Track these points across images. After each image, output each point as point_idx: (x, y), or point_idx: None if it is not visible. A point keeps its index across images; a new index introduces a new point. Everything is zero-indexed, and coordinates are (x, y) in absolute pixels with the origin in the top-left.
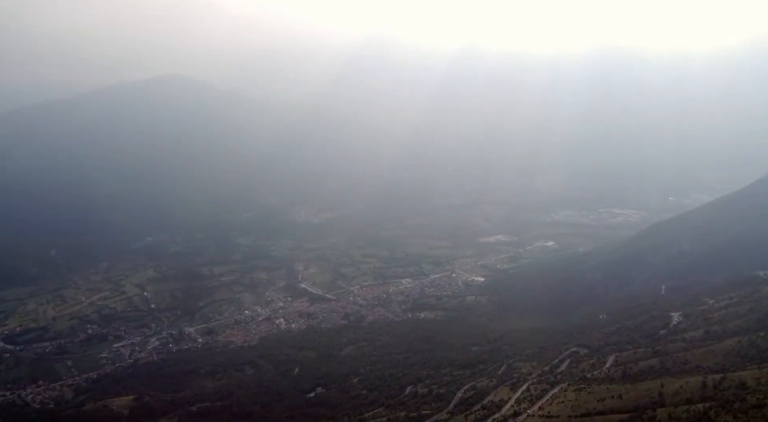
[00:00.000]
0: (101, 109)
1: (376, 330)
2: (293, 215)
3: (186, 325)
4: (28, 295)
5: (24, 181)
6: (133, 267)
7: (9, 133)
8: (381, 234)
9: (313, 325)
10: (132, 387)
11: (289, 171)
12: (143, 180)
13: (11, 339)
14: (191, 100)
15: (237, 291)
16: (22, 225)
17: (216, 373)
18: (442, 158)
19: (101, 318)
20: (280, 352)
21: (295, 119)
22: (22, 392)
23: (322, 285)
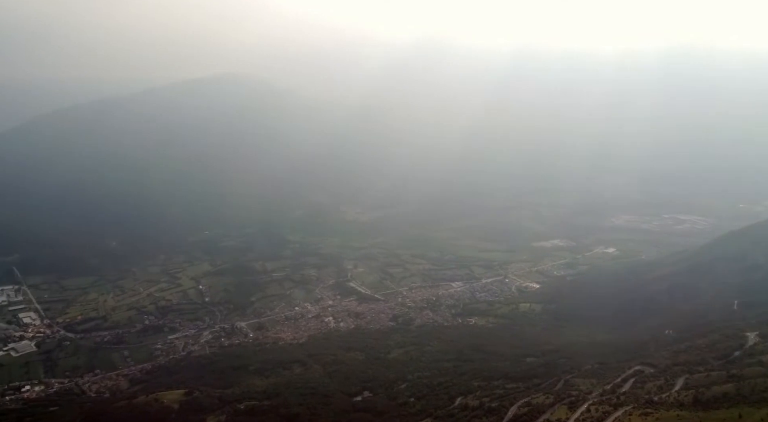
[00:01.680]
0: (160, 106)
1: (425, 334)
2: (342, 213)
3: (238, 320)
4: (90, 285)
5: (85, 176)
6: (189, 260)
7: (71, 129)
8: (430, 235)
9: (361, 325)
10: (184, 380)
11: (338, 169)
12: (200, 176)
13: (72, 327)
14: (247, 98)
15: (287, 287)
16: (85, 218)
17: (265, 371)
18: (496, 159)
19: (158, 309)
20: (327, 352)
21: (346, 118)
22: (79, 380)
23: (371, 284)
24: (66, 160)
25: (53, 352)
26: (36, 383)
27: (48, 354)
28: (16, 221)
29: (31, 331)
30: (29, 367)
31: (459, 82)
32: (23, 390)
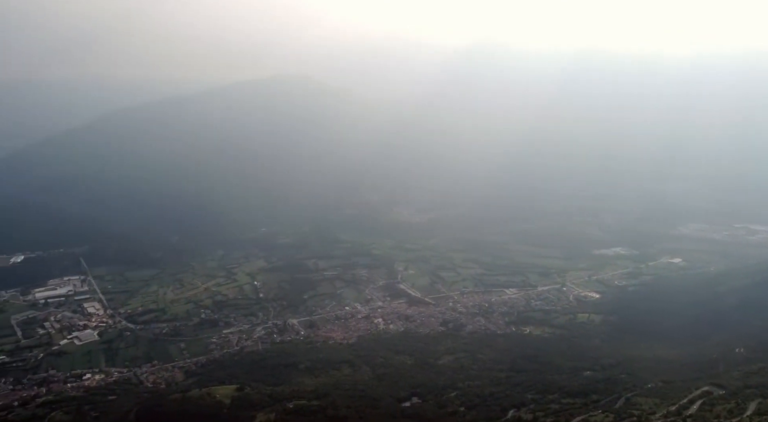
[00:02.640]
0: (220, 106)
1: (477, 341)
2: (394, 214)
3: (290, 317)
4: (151, 278)
5: (150, 172)
6: (245, 256)
7: (137, 127)
8: (484, 238)
9: (410, 329)
10: (236, 375)
11: (392, 170)
12: (257, 174)
13: (132, 318)
14: (303, 99)
15: (338, 286)
16: (149, 213)
17: (314, 370)
18: (555, 162)
19: (214, 304)
20: (376, 354)
21: (400, 118)
22: (137, 370)
23: (421, 287)
24: (132, 156)
25: (114, 342)
26: (97, 371)
27: (109, 343)
28: (84, 214)
29: (94, 321)
30: (91, 356)
31: (516, 84)
32: (84, 378)
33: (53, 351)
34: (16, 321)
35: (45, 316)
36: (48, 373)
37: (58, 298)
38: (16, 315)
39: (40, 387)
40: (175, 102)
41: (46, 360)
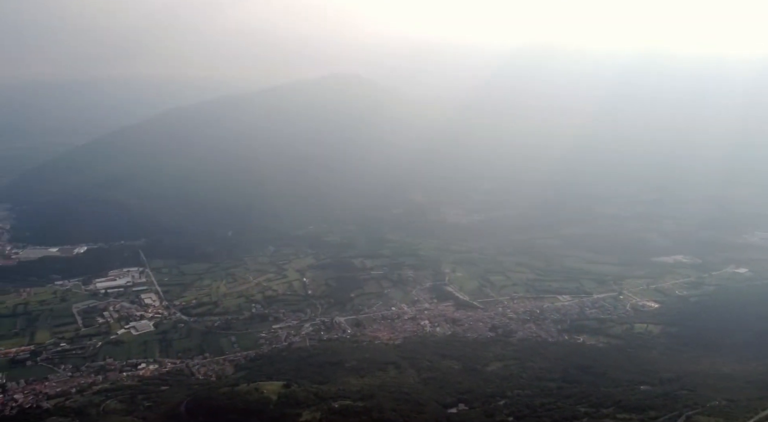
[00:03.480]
0: (272, 105)
1: (527, 349)
2: (441, 215)
3: (337, 315)
4: (205, 271)
5: (206, 168)
6: (295, 252)
7: (194, 125)
8: (535, 242)
9: (457, 332)
10: (283, 371)
11: (440, 170)
12: (306, 172)
13: (187, 310)
14: (352, 98)
15: (385, 286)
16: (203, 208)
17: (360, 370)
18: (611, 164)
19: (264, 298)
20: (423, 357)
21: (450, 118)
22: (190, 362)
23: (469, 291)
24: (188, 153)
25: (169, 333)
26: (151, 361)
27: (164, 334)
28: (143, 208)
29: (150, 312)
30: (146, 346)
31: (571, 85)
32: (139, 367)
33: (111, 340)
34: (78, 310)
35: (105, 306)
36: (105, 361)
37: (117, 289)
38: (77, 304)
39: (98, 375)
40: (228, 101)
41: (104, 348)
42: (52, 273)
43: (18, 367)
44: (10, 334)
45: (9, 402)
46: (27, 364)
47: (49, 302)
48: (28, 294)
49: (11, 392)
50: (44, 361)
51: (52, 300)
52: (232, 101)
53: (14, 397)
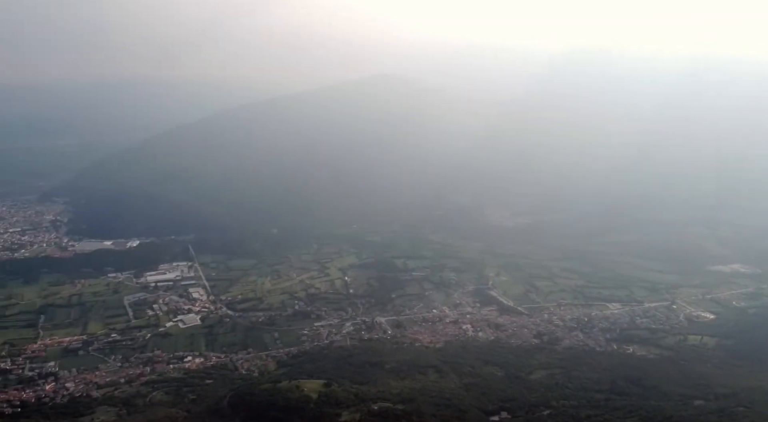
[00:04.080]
0: (319, 105)
1: (573, 357)
2: (486, 217)
3: (378, 315)
4: (251, 267)
5: (251, 168)
6: (337, 251)
7: (241, 126)
8: (584, 247)
9: (501, 338)
10: (324, 369)
11: (485, 171)
12: (351, 172)
13: (232, 305)
14: (398, 98)
15: (426, 288)
16: (250, 205)
17: (400, 372)
18: (666, 168)
19: (307, 296)
20: (464, 362)
21: (498, 119)
22: (234, 356)
23: (514, 296)
24: (237, 152)
25: (214, 327)
26: (197, 355)
27: (210, 328)
28: (193, 205)
29: (197, 306)
30: (193, 339)
31: (625, 89)
32: (185, 360)
33: (159, 332)
34: (129, 302)
35: (154, 299)
36: (153, 353)
37: (166, 282)
38: (128, 296)
39: (146, 367)
40: (276, 102)
41: (152, 340)
42: (106, 266)
43: (70, 356)
44: (64, 324)
45: (60, 390)
46: (79, 354)
47: (102, 294)
48: (82, 285)
49: (63, 380)
50: (95, 351)
51: (105, 291)
52: (278, 102)
53: (66, 385)
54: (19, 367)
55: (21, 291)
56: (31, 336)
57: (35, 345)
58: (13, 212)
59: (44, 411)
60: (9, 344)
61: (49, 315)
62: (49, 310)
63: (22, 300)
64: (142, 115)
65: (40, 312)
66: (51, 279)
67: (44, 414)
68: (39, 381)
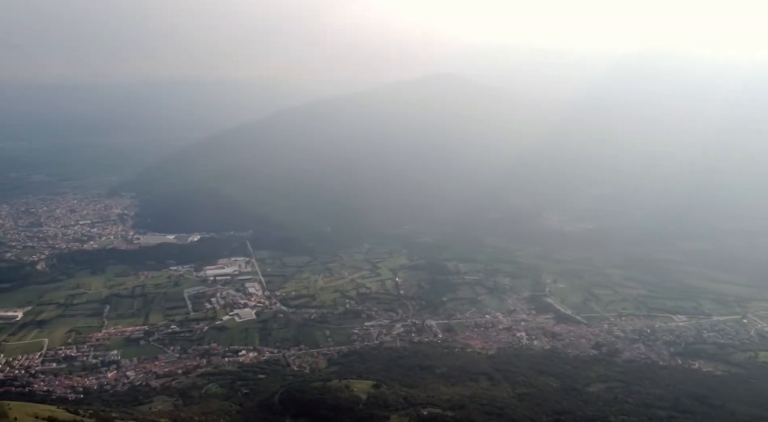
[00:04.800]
0: (375, 105)
1: (634, 371)
2: (544, 221)
3: (429, 317)
4: (305, 264)
5: (308, 167)
6: (389, 251)
7: (298, 126)
8: (648, 256)
9: (557, 348)
10: (374, 370)
11: (545, 174)
12: (405, 172)
13: (286, 301)
14: (457, 97)
15: (479, 292)
16: (306, 204)
17: (450, 377)
18: (737, 175)
19: (358, 295)
20: (518, 370)
21: (559, 121)
22: (286, 352)
23: (572, 304)
24: (295, 151)
25: (268, 322)
26: (251, 349)
27: (264, 323)
28: (252, 202)
29: (253, 300)
30: (248, 333)
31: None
32: (240, 354)
33: (216, 325)
34: (188, 295)
35: (212, 292)
36: (210, 346)
37: (225, 276)
38: (188, 289)
39: (202, 358)
40: (334, 102)
41: (209, 333)
42: (168, 259)
43: (132, 346)
44: (128, 314)
45: (121, 379)
46: (140, 343)
47: (164, 286)
48: (145, 277)
49: (124, 369)
50: (156, 342)
51: (167, 284)
52: (335, 102)
53: (127, 374)
54: (84, 355)
55: (88, 281)
56: (97, 324)
57: (100, 334)
58: (84, 205)
59: (105, 398)
60: (75, 331)
61: (114, 305)
62: (113, 300)
63: (90, 290)
64: (206, 115)
65: (105, 302)
66: (117, 271)
67: (105, 401)
68: (102, 369)
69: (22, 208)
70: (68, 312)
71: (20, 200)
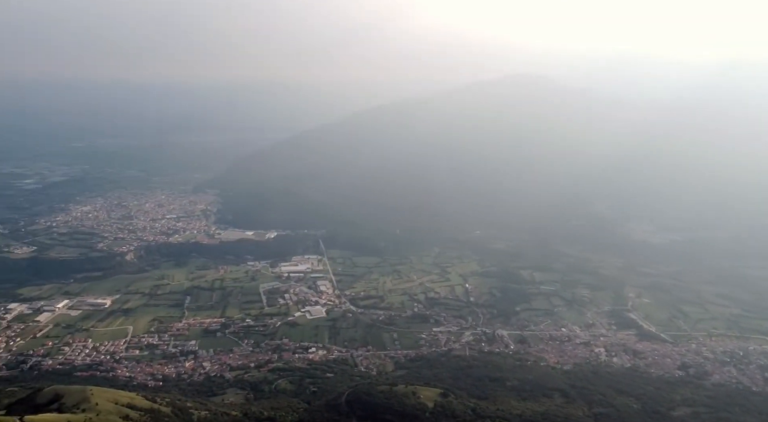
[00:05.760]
0: (455, 106)
1: (724, 396)
2: (628, 230)
3: (500, 327)
4: (374, 265)
5: (382, 167)
6: (459, 256)
7: (376, 127)
8: (743, 271)
9: (638, 366)
10: (441, 378)
11: (631, 180)
12: (480, 176)
13: (355, 301)
14: (536, 98)
15: (555, 304)
16: (378, 204)
17: (522, 391)
18: None
19: (426, 299)
20: (595, 389)
21: (647, 126)
22: (354, 352)
23: (656, 321)
24: (371, 152)
25: (338, 321)
26: (320, 347)
27: (334, 322)
28: (326, 201)
29: (324, 298)
30: (318, 331)
31: None
32: (310, 351)
33: (288, 321)
34: (263, 290)
35: (286, 289)
36: (281, 341)
37: (298, 273)
38: (264, 285)
39: (274, 353)
40: (411, 103)
41: (281, 328)
42: (246, 254)
43: (209, 337)
44: (207, 306)
45: (198, 369)
46: (217, 335)
47: (241, 280)
48: (224, 271)
49: (201, 359)
50: (231, 334)
51: (244, 278)
52: (412, 104)
53: (203, 364)
54: (165, 343)
55: (172, 273)
56: (177, 315)
57: (180, 324)
58: (171, 200)
59: (182, 387)
60: (158, 321)
61: (194, 297)
62: (194, 292)
63: (173, 281)
64: (290, 115)
65: (187, 294)
66: (198, 264)
67: (182, 390)
68: (180, 358)
69: (115, 201)
70: (152, 301)
71: (114, 194)
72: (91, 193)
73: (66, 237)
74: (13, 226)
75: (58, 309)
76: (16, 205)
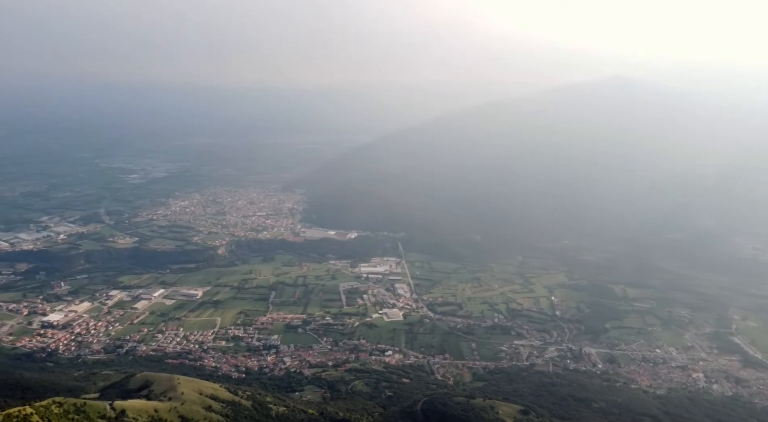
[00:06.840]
0: (543, 109)
1: None
2: (734, 246)
3: (587, 344)
4: (453, 271)
5: (466, 171)
6: (544, 267)
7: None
8: None
9: (741, 395)
10: (521, 394)
11: (737, 190)
12: (568, 181)
13: (433, 307)
14: (635, 101)
15: (650, 323)
16: (459, 209)
17: (610, 414)
18: None
19: (508, 310)
20: (691, 417)
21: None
22: (431, 359)
23: (764, 346)
24: (449, 155)
25: (415, 326)
26: (397, 350)
27: (411, 326)
28: (407, 204)
29: (401, 301)
30: (394, 334)
31: None
32: (386, 353)
33: (366, 322)
34: (343, 289)
35: (365, 289)
36: (359, 341)
37: (376, 275)
38: (344, 284)
39: (351, 353)
40: (497, 105)
41: (359, 329)
42: (328, 253)
43: (291, 332)
44: (290, 302)
45: (279, 363)
46: (298, 331)
47: (323, 278)
48: (308, 268)
49: (282, 354)
50: (311, 331)
51: (325, 276)
52: (498, 106)
53: (284, 359)
54: (249, 336)
55: (259, 268)
56: (263, 309)
57: (264, 318)
58: (261, 198)
59: (263, 381)
60: (244, 314)
61: (279, 292)
62: (278, 287)
63: (260, 276)
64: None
65: (272, 289)
66: (284, 260)
67: (263, 384)
68: (263, 352)
69: (211, 197)
70: (240, 295)
71: (210, 190)
72: (189, 188)
73: (165, 229)
74: (118, 218)
75: (155, 297)
76: (122, 197)
